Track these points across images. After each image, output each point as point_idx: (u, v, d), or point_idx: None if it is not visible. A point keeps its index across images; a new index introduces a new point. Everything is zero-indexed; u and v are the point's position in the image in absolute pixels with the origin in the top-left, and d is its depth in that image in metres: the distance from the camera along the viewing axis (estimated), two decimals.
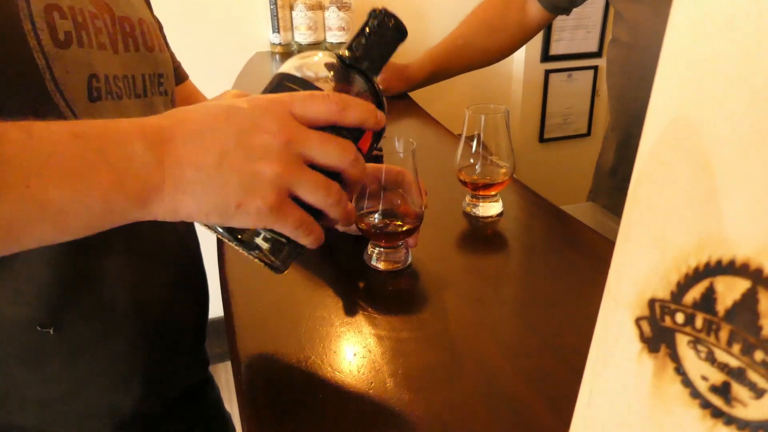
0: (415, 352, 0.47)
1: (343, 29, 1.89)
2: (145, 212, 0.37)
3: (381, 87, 0.49)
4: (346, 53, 0.47)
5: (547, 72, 2.27)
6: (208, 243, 0.72)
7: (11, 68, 0.46)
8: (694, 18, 0.20)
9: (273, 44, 1.91)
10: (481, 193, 0.68)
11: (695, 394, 0.21)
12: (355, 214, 0.56)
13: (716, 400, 0.20)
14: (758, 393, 0.19)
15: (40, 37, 0.47)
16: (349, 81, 0.47)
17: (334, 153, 0.41)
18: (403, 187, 0.56)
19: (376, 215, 0.56)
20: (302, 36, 1.88)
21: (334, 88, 0.46)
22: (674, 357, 0.22)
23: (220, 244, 0.64)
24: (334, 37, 1.89)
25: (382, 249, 0.58)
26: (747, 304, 0.19)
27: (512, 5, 1.26)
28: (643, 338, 0.23)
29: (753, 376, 0.19)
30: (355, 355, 0.47)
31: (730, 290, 0.19)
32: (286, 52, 1.91)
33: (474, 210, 0.69)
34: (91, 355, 0.55)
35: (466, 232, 0.68)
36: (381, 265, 0.58)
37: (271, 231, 0.42)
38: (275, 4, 1.86)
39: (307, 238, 0.42)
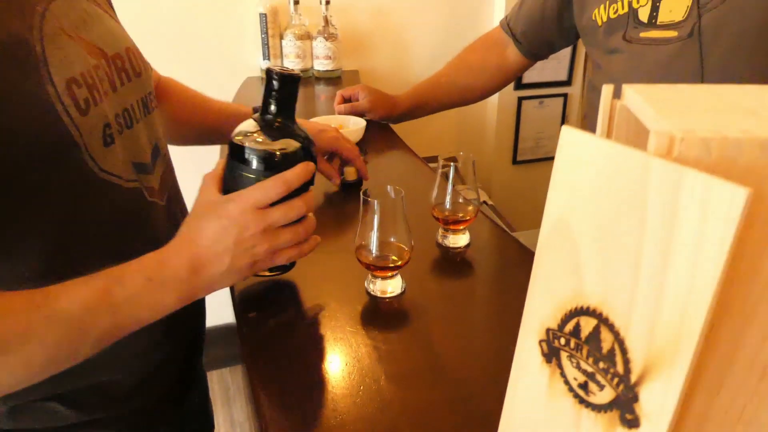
0: (398, 361, 0.60)
1: (330, 57, 2.01)
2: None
3: (368, 107, 0.65)
4: (267, 115, 0.64)
5: (520, 99, 2.41)
6: None
7: (53, 148, 0.57)
8: (569, 165, 0.32)
9: (263, 70, 2.03)
10: (451, 227, 0.81)
11: (570, 389, 0.33)
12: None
13: (581, 393, 0.33)
14: (601, 387, 0.31)
15: (70, 113, 0.58)
16: (276, 135, 0.64)
17: (293, 214, 0.63)
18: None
19: (374, 249, 0.68)
20: (291, 63, 2.00)
21: (270, 144, 0.64)
22: (559, 366, 0.34)
23: None
24: (320, 65, 2.01)
25: (378, 278, 0.71)
26: (595, 333, 0.31)
27: (493, 50, 1.37)
28: (543, 354, 0.35)
29: (599, 377, 0.31)
30: (346, 364, 0.59)
31: (587, 325, 0.32)
32: None
33: (445, 241, 0.82)
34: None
35: (439, 259, 0.81)
36: (377, 292, 0.71)
37: None
38: (266, 33, 1.97)
39: (296, 257, 0.65)
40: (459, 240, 0.82)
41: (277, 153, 0.63)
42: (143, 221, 0.66)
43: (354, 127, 1.27)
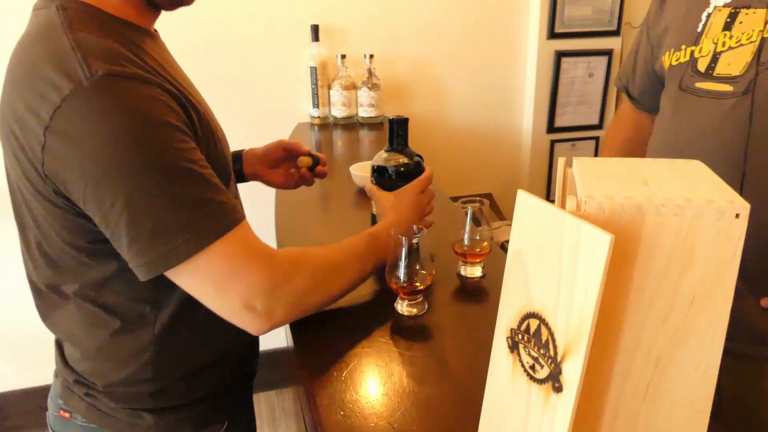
0: (417, 365, 0.75)
1: (373, 105, 2.20)
2: None
3: None
4: (393, 151, 1.03)
5: (553, 141, 2.55)
6: None
7: (222, 177, 0.79)
8: (522, 216, 0.48)
9: (312, 117, 2.24)
10: (468, 260, 0.96)
11: (525, 370, 0.48)
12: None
13: (531, 372, 0.48)
14: (542, 366, 0.46)
15: (225, 153, 0.86)
16: (403, 154, 1.02)
17: (431, 196, 1.03)
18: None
19: (402, 277, 0.84)
20: (338, 111, 2.20)
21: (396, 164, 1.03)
22: (518, 354, 0.49)
23: None
24: (365, 112, 2.21)
25: (405, 299, 0.86)
26: (538, 330, 0.46)
27: (640, 119, 1.29)
28: (508, 346, 0.50)
29: (540, 360, 0.46)
30: (377, 365, 0.75)
31: (533, 324, 0.47)
32: (324, 123, 2.23)
33: (463, 272, 0.97)
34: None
35: (458, 287, 0.96)
36: (404, 311, 0.87)
37: None
38: (316, 84, 2.18)
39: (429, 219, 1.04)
40: (475, 271, 0.97)
41: (411, 162, 1.02)
42: None
43: None
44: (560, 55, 2.42)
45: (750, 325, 0.98)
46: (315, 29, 2.15)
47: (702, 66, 1.00)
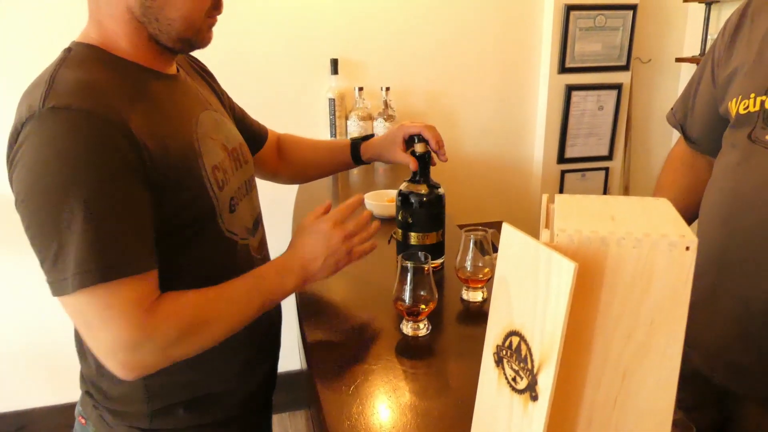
0: (419, 380, 0.81)
1: None
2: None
3: None
4: (415, 182, 1.14)
5: (563, 172, 2.62)
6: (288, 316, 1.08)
7: (201, 212, 0.85)
8: (506, 246, 0.55)
9: None
10: (470, 284, 1.03)
11: (508, 382, 0.55)
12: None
13: (512, 383, 0.54)
14: (521, 378, 0.53)
15: (213, 189, 0.86)
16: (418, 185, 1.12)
17: (361, 224, 0.97)
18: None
19: (408, 300, 0.91)
20: None
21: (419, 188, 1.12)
22: (503, 368, 0.56)
23: (301, 321, 1.00)
24: None
25: (410, 321, 0.93)
26: (519, 346, 0.53)
27: (695, 165, 1.24)
28: (495, 361, 0.57)
29: (520, 372, 0.53)
30: (384, 381, 0.81)
31: (515, 341, 0.54)
32: None
33: (465, 296, 1.04)
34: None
35: (461, 310, 1.03)
36: (409, 332, 0.93)
37: None
38: (334, 114, 2.28)
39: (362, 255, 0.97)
40: (477, 296, 1.04)
41: (424, 195, 1.13)
42: (246, 269, 0.92)
43: None
44: (571, 88, 2.50)
45: None
46: (334, 63, 2.25)
47: None
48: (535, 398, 0.51)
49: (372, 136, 1.27)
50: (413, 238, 1.14)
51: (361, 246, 0.97)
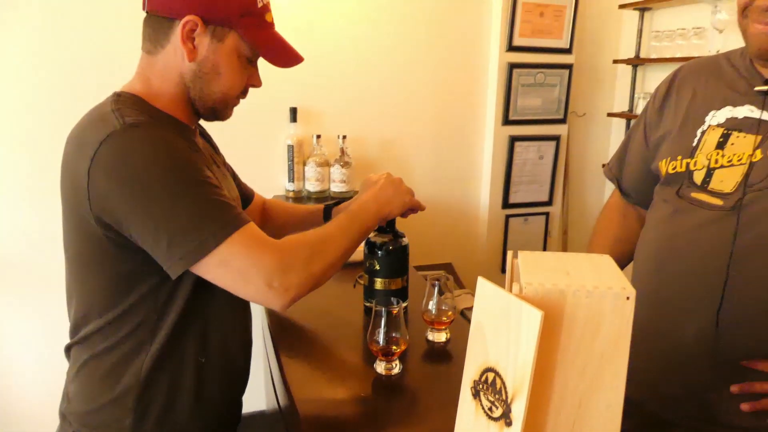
0: (392, 413, 0.90)
1: (344, 181, 2.39)
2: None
3: None
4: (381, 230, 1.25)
5: (507, 216, 2.79)
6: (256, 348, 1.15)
7: None
8: (482, 296, 0.66)
9: (288, 190, 2.41)
10: (435, 326, 1.13)
11: (485, 412, 0.65)
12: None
13: (489, 412, 0.64)
14: (497, 408, 0.63)
15: None
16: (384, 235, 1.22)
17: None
18: None
19: (382, 342, 1.00)
20: (312, 185, 2.39)
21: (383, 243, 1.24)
22: (480, 400, 0.66)
23: (278, 355, 1.07)
24: (336, 187, 2.40)
25: (383, 361, 1.02)
26: (494, 380, 0.63)
27: (628, 215, 1.38)
28: (472, 394, 0.67)
29: (496, 403, 0.63)
30: (362, 414, 0.90)
31: (490, 376, 0.64)
32: (298, 196, 2.41)
33: (431, 337, 1.14)
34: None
35: (427, 350, 1.12)
36: (383, 371, 1.02)
37: None
38: (292, 160, 2.37)
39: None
40: (441, 336, 1.14)
41: (390, 244, 1.25)
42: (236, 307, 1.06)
43: None
44: (514, 139, 2.69)
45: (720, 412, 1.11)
46: (293, 111, 2.36)
47: (698, 179, 1.10)
48: (509, 424, 0.61)
49: (344, 200, 1.39)
50: (379, 283, 1.24)
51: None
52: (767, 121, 1.03)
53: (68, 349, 1.02)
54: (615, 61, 2.84)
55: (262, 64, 1.07)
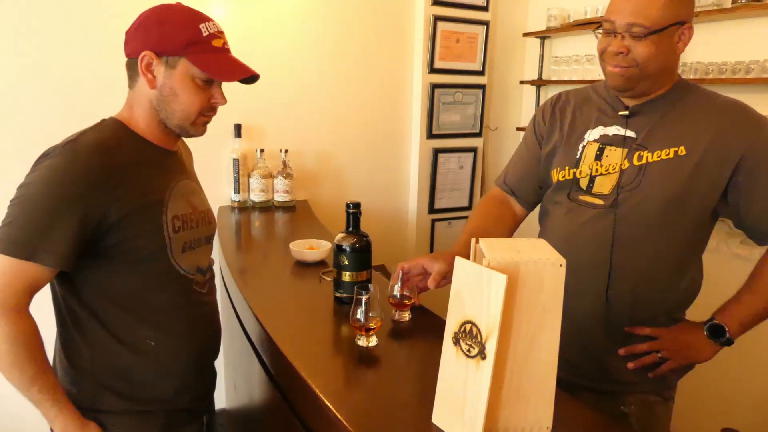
0: (373, 379, 1.13)
1: (287, 191, 2.59)
2: None
3: (446, 269, 1.31)
4: (348, 231, 1.39)
5: (433, 221, 3.09)
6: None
7: (158, 248, 1.17)
8: (459, 270, 0.91)
9: (233, 201, 2.57)
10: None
11: (464, 353, 0.90)
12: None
13: (467, 353, 0.89)
14: (474, 349, 0.88)
15: (168, 231, 1.19)
16: (351, 235, 1.35)
17: None
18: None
19: (363, 320, 1.23)
20: (256, 196, 2.56)
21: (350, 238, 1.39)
22: (459, 345, 0.91)
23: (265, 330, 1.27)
24: (280, 197, 2.59)
25: (363, 336, 1.25)
26: (471, 329, 0.89)
27: (504, 205, 1.62)
28: (453, 342, 0.92)
29: (473, 345, 0.88)
30: (346, 382, 1.12)
31: (469, 327, 0.89)
32: (243, 206, 2.58)
33: (397, 317, 1.38)
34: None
35: (395, 328, 1.36)
36: (365, 344, 1.25)
37: None
38: (237, 173, 2.54)
39: None
40: (405, 316, 1.38)
41: (356, 243, 1.42)
42: (192, 302, 1.29)
43: (324, 248, 1.83)
44: (437, 151, 3.00)
45: (614, 371, 1.42)
46: (238, 127, 2.53)
47: (583, 184, 1.38)
48: (484, 357, 0.86)
49: None
50: (347, 276, 1.47)
51: None
52: (630, 137, 1.34)
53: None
54: (521, 82, 3.22)
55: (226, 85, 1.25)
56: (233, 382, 2.06)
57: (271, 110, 2.63)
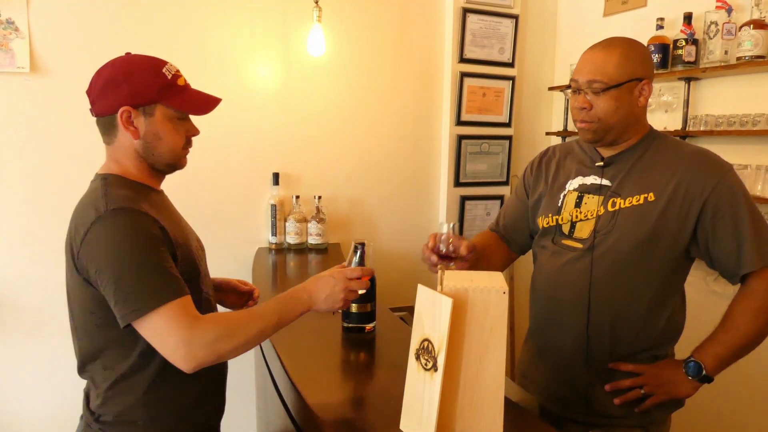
0: (366, 358, 1.29)
1: (320, 235, 2.79)
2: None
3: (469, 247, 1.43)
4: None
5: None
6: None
7: (194, 271, 1.32)
8: (421, 295, 1.07)
9: (270, 243, 2.80)
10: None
11: (422, 367, 1.05)
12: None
13: (425, 366, 1.04)
14: (429, 362, 1.03)
15: (197, 261, 1.35)
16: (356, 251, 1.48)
17: (358, 287, 1.34)
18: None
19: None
20: (291, 238, 2.78)
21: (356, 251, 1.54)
22: (419, 359, 1.06)
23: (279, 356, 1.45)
24: (313, 239, 2.79)
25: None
26: (428, 345, 1.04)
27: (501, 242, 1.76)
28: (415, 357, 1.07)
29: (429, 359, 1.03)
30: (341, 360, 1.28)
31: (426, 344, 1.04)
32: (279, 248, 2.79)
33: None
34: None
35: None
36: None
37: None
38: (275, 217, 2.77)
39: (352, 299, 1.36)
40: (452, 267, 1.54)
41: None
42: (206, 309, 1.39)
43: None
44: (464, 198, 3.15)
45: (599, 406, 1.50)
46: (276, 176, 2.78)
47: (565, 230, 1.51)
48: (436, 370, 1.01)
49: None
50: (354, 307, 1.64)
51: (352, 293, 1.33)
52: (606, 185, 1.47)
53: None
54: (547, 133, 3.37)
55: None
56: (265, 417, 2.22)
57: (307, 160, 2.87)
